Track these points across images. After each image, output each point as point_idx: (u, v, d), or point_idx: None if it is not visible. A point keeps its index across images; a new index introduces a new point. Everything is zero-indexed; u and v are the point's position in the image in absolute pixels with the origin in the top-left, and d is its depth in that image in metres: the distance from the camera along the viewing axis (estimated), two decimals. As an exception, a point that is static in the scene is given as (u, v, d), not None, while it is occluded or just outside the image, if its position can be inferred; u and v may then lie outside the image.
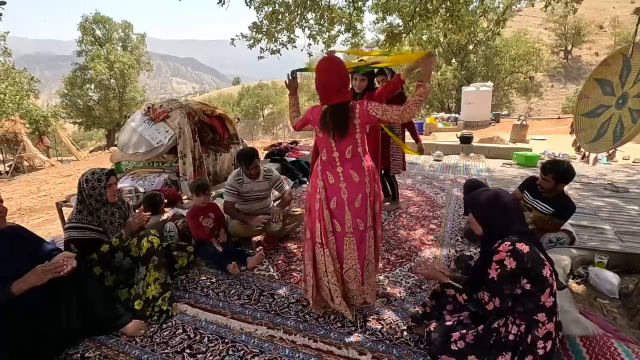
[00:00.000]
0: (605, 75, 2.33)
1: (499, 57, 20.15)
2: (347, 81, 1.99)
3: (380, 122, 2.05)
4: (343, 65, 1.97)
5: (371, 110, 1.88)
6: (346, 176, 1.98)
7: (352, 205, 1.98)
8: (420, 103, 1.87)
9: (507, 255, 1.56)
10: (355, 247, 2.04)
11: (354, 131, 1.92)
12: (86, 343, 1.95)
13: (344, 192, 1.98)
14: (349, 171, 1.97)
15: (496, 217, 1.71)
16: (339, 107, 1.90)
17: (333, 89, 1.90)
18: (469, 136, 6.70)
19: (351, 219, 2.00)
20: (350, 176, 1.97)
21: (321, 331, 2.01)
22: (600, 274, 2.30)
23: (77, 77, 24.70)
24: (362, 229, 2.02)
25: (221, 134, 4.20)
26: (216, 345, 1.92)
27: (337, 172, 1.99)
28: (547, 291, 1.57)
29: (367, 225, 2.02)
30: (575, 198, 4.12)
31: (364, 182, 1.98)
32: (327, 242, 2.02)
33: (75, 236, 2.19)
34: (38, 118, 16.64)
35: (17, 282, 1.73)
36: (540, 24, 40.99)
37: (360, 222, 2.01)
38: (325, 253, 2.01)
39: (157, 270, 2.23)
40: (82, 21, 25.24)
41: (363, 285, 2.11)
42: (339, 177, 1.99)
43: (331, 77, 1.90)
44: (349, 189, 1.97)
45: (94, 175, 2.22)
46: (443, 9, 5.42)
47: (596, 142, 2.28)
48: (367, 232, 2.03)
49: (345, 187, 1.98)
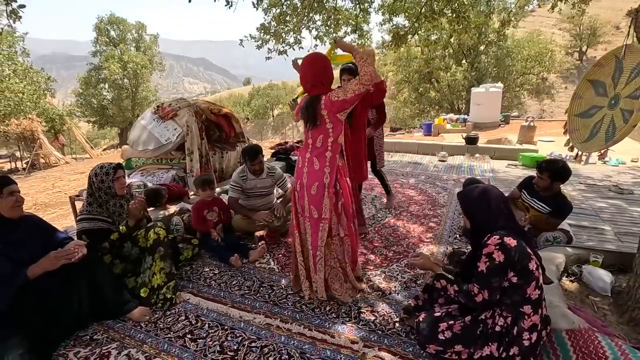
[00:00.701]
0: (598, 76, 2.37)
1: (510, 58, 19.94)
2: (322, 77, 2.10)
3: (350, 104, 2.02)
4: (319, 63, 2.11)
5: (333, 97, 2.00)
6: (310, 162, 2.12)
7: (309, 190, 2.12)
8: (366, 63, 1.93)
9: (495, 249, 1.63)
10: (310, 232, 2.18)
11: (324, 121, 2.05)
12: (95, 326, 2.07)
13: (305, 177, 2.14)
14: (313, 158, 2.11)
15: (482, 211, 1.78)
16: (312, 99, 2.07)
17: (307, 82, 2.10)
18: (474, 137, 6.71)
19: (307, 204, 2.14)
20: (312, 163, 2.11)
21: (316, 321, 2.09)
22: (593, 272, 2.33)
23: (91, 76, 25.28)
24: (315, 217, 2.14)
25: (227, 132, 4.33)
26: (216, 331, 2.02)
27: (305, 157, 2.15)
28: (533, 284, 1.63)
29: (320, 215, 2.12)
30: (579, 199, 4.13)
31: (323, 171, 2.09)
32: (297, 223, 2.23)
33: (86, 227, 2.32)
34: (54, 117, 17.09)
35: (32, 267, 1.86)
36: (555, 25, 40.31)
37: (314, 209, 2.13)
38: (295, 233, 2.23)
39: (162, 260, 2.35)
40: (97, 22, 25.83)
41: (315, 274, 2.22)
42: (305, 162, 2.15)
43: (306, 72, 2.11)
44: (309, 175, 2.13)
45: (102, 169, 2.35)
46: (449, 10, 5.46)
47: (589, 142, 2.32)
48: (321, 222, 2.13)
49: (306, 173, 2.13)
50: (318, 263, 2.18)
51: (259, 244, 3.10)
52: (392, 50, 6.22)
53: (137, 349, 1.89)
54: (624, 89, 2.10)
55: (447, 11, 5.35)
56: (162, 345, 1.92)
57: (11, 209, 1.92)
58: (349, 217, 2.23)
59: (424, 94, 21.72)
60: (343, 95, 1.97)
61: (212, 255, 2.88)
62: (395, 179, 5.16)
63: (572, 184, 4.79)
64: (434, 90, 21.08)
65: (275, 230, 3.13)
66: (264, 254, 2.90)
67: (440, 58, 20.49)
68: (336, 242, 2.24)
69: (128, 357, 1.85)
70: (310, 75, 2.09)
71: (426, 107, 22.52)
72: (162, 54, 30.31)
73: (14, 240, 1.92)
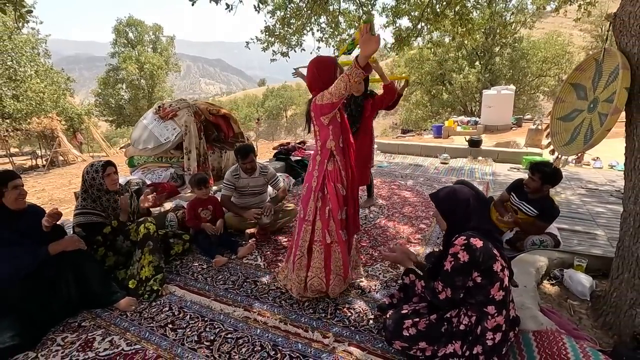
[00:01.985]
0: (579, 79, 2.36)
1: (526, 60, 19.55)
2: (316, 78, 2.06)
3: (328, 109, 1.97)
4: (316, 64, 2.09)
5: (318, 100, 1.99)
6: (310, 163, 2.22)
7: (302, 190, 2.22)
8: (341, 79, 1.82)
9: (461, 249, 1.66)
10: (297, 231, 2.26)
11: (313, 124, 2.12)
12: (84, 314, 2.20)
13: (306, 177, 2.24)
14: (311, 160, 2.21)
15: (455, 212, 1.81)
16: (309, 100, 2.14)
17: (307, 85, 2.16)
18: (477, 140, 6.65)
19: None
20: (310, 164, 2.21)
21: (293, 315, 2.16)
22: (574, 276, 2.32)
23: (110, 77, 26.06)
24: (301, 217, 2.21)
25: (226, 133, 4.44)
26: (196, 322, 2.12)
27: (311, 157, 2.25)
28: (497, 285, 1.66)
29: (304, 216, 2.18)
30: (577, 204, 4.08)
31: (312, 174, 2.15)
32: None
33: (81, 221, 2.46)
34: (73, 116, 17.69)
35: (53, 245, 2.08)
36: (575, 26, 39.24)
37: (301, 209, 2.20)
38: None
39: (151, 254, 2.46)
40: (117, 24, 26.61)
41: (293, 273, 2.28)
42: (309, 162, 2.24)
43: (307, 75, 2.17)
44: (306, 175, 2.23)
45: (93, 167, 2.49)
46: (451, 12, 5.45)
47: (569, 145, 2.31)
48: (304, 223, 2.19)
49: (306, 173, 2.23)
50: (296, 262, 2.24)
51: (249, 241, 3.20)
52: (393, 51, 6.25)
53: (120, 336, 2.00)
54: (602, 93, 2.10)
55: (450, 13, 5.35)
56: (143, 333, 2.02)
57: (15, 201, 2.07)
58: (337, 225, 2.14)
59: (437, 96, 21.52)
60: (329, 96, 1.92)
61: (202, 251, 2.98)
62: (393, 180, 5.18)
63: (571, 188, 4.72)
64: (446, 92, 20.86)
65: (266, 228, 3.21)
66: (253, 251, 2.99)
67: (453, 60, 20.27)
68: (317, 247, 2.19)
69: (111, 343, 1.96)
70: (309, 76, 2.12)
71: (438, 109, 22.30)
72: (179, 55, 31.01)
73: (22, 229, 2.08)
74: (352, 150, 2.20)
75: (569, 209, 3.91)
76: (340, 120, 2.09)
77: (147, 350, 1.90)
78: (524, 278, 2.29)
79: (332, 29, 6.46)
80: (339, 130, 2.08)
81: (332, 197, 2.10)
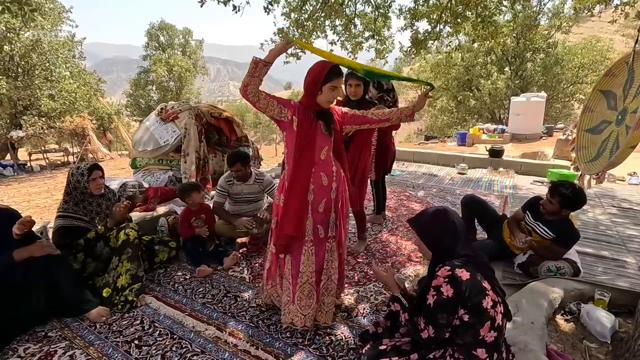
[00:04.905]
0: (610, 86, 2.05)
1: (560, 66, 18.53)
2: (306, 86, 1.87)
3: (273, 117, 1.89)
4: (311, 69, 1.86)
5: None
6: None
7: None
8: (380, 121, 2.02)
9: (444, 282, 1.44)
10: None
11: None
12: (53, 323, 2.11)
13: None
14: None
15: (440, 238, 1.58)
16: None
17: None
18: (499, 149, 6.23)
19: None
20: None
21: (267, 339, 1.98)
22: (592, 313, 2.01)
23: (141, 78, 27.03)
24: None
25: (228, 136, 4.35)
26: (164, 340, 1.98)
27: None
28: (487, 325, 1.42)
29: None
30: (606, 224, 3.67)
31: None
32: None
33: (61, 224, 2.39)
34: (103, 115, 18.41)
35: (19, 250, 1.98)
36: (617, 30, 37.06)
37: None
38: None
39: (129, 261, 2.36)
40: (149, 28, 27.62)
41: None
42: None
43: None
44: None
45: (79, 170, 2.41)
46: (473, 14, 5.13)
47: (594, 162, 2.01)
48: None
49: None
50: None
51: (240, 250, 3.05)
52: (409, 56, 5.98)
53: (82, 351, 1.89)
54: (632, 102, 1.80)
55: (471, 15, 5.03)
56: (106, 349, 1.90)
57: None
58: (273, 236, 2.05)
59: (463, 102, 20.81)
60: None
61: (188, 259, 2.86)
62: (403, 190, 4.91)
63: (601, 206, 4.27)
64: (473, 98, 20.12)
65: (258, 238, 3.05)
66: (239, 262, 2.84)
67: (482, 65, 19.54)
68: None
69: (71, 358, 1.85)
70: None
71: (465, 116, 21.56)
72: (210, 58, 31.88)
73: None
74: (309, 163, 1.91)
75: (596, 230, 3.51)
76: (297, 130, 1.84)
77: (105, 368, 1.77)
78: (533, 311, 2.00)
79: (348, 32, 6.27)
80: (293, 139, 1.85)
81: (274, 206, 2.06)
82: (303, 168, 1.86)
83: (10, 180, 10.42)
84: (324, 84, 1.80)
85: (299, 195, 1.87)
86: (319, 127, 1.87)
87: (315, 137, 1.86)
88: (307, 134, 1.84)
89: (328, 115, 1.92)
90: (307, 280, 1.96)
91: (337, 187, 1.95)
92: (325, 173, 1.91)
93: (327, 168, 1.92)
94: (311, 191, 1.89)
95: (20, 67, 13.89)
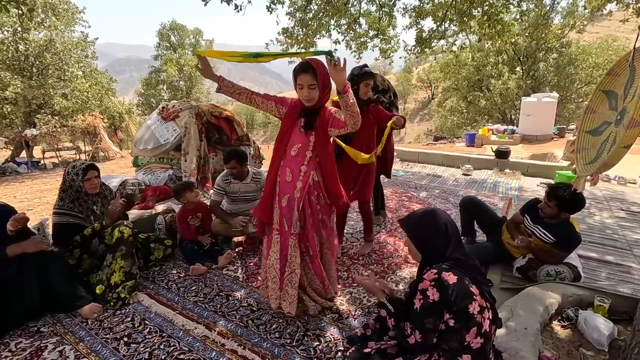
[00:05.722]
0: (613, 86, 1.99)
1: (574, 66, 18.12)
2: None
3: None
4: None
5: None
6: None
7: None
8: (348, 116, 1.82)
9: (430, 285, 1.41)
10: None
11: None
12: (46, 318, 2.13)
13: None
14: None
15: (430, 239, 1.55)
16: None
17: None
18: (505, 150, 6.10)
19: None
20: None
21: (255, 339, 1.97)
22: (590, 320, 1.94)
23: (152, 78, 27.37)
24: None
25: (228, 135, 4.35)
26: (153, 337, 1.98)
27: None
28: (474, 330, 1.38)
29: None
30: (612, 228, 3.56)
31: None
32: None
33: (56, 221, 2.42)
34: (114, 114, 18.70)
35: (12, 246, 2.00)
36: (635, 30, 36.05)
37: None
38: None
39: (123, 259, 2.37)
40: (160, 28, 27.95)
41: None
42: None
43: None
44: None
45: (74, 169, 2.43)
46: (479, 12, 5.04)
47: (592, 163, 1.95)
48: None
49: None
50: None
51: (236, 249, 3.05)
52: (412, 54, 5.90)
53: (72, 347, 1.91)
54: (630, 102, 1.73)
55: (476, 12, 4.94)
56: (95, 345, 1.92)
57: None
58: None
59: (473, 103, 20.53)
60: None
61: (184, 258, 2.87)
62: (405, 191, 4.85)
63: (609, 209, 4.15)
64: (484, 98, 19.82)
65: (254, 237, 3.05)
66: (233, 260, 2.84)
67: (493, 65, 19.25)
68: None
69: (60, 353, 1.87)
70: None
71: (475, 116, 21.26)
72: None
73: None
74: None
75: (601, 234, 3.41)
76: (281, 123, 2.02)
77: (93, 365, 1.78)
78: (527, 317, 1.94)
79: (353, 31, 6.23)
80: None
81: None
82: (275, 160, 2.00)
83: (24, 177, 10.65)
84: (294, 82, 1.85)
85: (269, 185, 2.02)
86: (299, 123, 1.93)
87: (291, 132, 1.95)
88: (284, 128, 1.96)
89: (313, 113, 1.91)
90: (273, 265, 2.04)
91: (302, 187, 1.93)
92: (291, 170, 1.95)
93: (295, 166, 1.94)
94: (278, 183, 2.00)
95: (35, 67, 14.19)
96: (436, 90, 37.11)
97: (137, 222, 3.06)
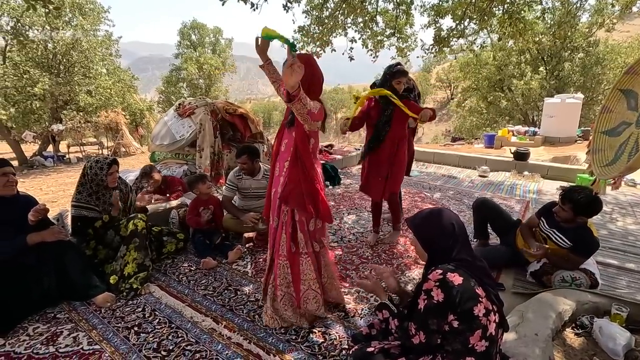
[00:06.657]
0: (632, 85, 1.90)
1: (601, 66, 17.42)
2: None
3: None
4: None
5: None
6: None
7: None
8: None
9: (435, 286, 1.39)
10: None
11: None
12: (63, 305, 2.22)
13: None
14: None
15: (436, 239, 1.53)
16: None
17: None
18: (524, 152, 5.92)
19: None
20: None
21: (261, 334, 1.99)
22: (605, 328, 1.87)
23: (172, 76, 27.96)
24: None
25: (242, 132, 4.40)
26: (162, 328, 2.03)
27: None
28: (478, 333, 1.35)
29: None
30: (636, 235, 3.42)
31: None
32: None
33: (73, 213, 2.51)
34: (136, 111, 19.21)
35: (32, 235, 2.10)
36: (669, 28, 34.33)
37: None
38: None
39: (137, 250, 2.44)
40: (182, 27, 28.50)
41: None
42: None
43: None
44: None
45: (98, 164, 2.51)
46: (500, 10, 4.91)
47: (611, 165, 1.87)
48: None
49: None
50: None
51: (246, 245, 3.09)
52: (430, 53, 5.81)
53: (85, 334, 1.98)
54: (654, 103, 1.66)
55: (497, 11, 4.82)
56: (107, 333, 1.98)
57: (3, 187, 2.14)
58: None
59: (494, 103, 20.03)
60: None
61: (196, 251, 2.92)
62: (419, 191, 4.78)
63: (635, 215, 3.98)
64: (505, 99, 19.32)
65: (264, 233, 3.07)
66: (243, 256, 2.87)
67: (515, 64, 18.72)
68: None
69: (74, 339, 1.94)
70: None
71: (495, 117, 20.76)
72: (240, 57, 32.46)
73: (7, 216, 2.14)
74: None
75: (624, 240, 3.27)
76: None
77: (104, 352, 1.84)
78: (538, 322, 1.89)
79: (370, 29, 6.18)
80: None
81: None
82: (273, 156, 2.07)
83: (50, 170, 11.10)
84: None
85: (269, 181, 2.09)
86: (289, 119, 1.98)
87: (283, 128, 2.00)
88: (282, 125, 2.02)
89: None
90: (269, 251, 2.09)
91: (282, 183, 1.92)
92: (279, 165, 1.99)
93: (281, 161, 1.98)
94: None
95: (62, 65, 14.71)
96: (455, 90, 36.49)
97: (151, 215, 3.14)
